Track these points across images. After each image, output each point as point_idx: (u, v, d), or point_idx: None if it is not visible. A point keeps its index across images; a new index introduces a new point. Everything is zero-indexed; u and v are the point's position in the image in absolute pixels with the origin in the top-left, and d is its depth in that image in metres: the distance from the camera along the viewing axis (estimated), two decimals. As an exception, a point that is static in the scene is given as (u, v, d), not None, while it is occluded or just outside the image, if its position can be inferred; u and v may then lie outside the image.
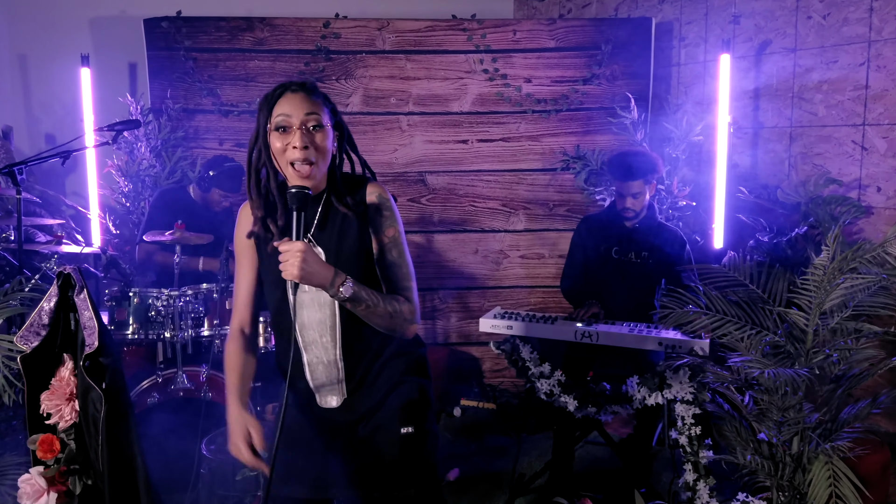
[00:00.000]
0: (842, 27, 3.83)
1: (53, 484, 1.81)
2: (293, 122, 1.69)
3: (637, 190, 3.19)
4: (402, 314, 1.75)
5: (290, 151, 1.68)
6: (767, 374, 2.19)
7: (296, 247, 1.58)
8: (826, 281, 2.44)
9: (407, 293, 1.79)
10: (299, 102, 1.70)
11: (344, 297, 1.64)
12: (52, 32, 4.45)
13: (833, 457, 2.45)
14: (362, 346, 1.80)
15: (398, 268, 1.80)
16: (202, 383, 2.92)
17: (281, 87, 1.74)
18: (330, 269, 1.63)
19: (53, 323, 1.85)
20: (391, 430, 1.81)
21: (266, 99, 1.73)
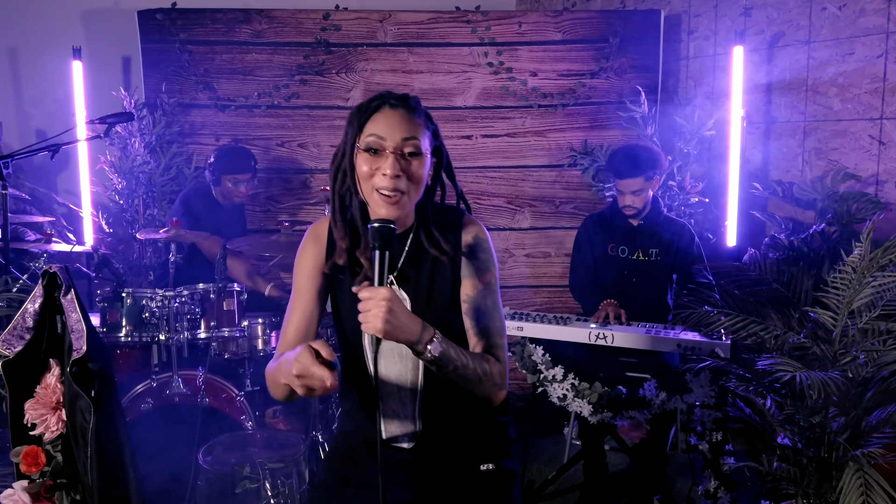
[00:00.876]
0: (858, 18, 3.71)
1: (39, 499, 1.67)
2: (387, 145, 1.46)
3: (637, 187, 3.06)
4: (493, 378, 1.52)
5: (379, 178, 1.46)
6: (799, 378, 2.07)
7: (380, 294, 1.33)
8: (857, 279, 2.33)
9: (498, 352, 1.56)
10: (397, 122, 1.47)
11: (431, 356, 1.40)
12: (43, 25, 4.32)
13: (864, 464, 2.33)
14: (446, 404, 1.59)
15: (492, 320, 1.56)
16: (199, 388, 2.78)
17: (378, 99, 1.51)
18: (418, 323, 1.39)
19: (38, 326, 1.71)
20: (467, 466, 1.61)
21: (358, 111, 1.51)
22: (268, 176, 4.22)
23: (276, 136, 4.20)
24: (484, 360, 1.52)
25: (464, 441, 1.62)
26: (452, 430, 1.62)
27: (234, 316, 2.95)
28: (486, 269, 1.57)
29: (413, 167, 1.47)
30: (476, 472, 1.60)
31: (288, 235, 3.00)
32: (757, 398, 2.64)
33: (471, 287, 1.56)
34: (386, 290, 1.34)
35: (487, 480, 1.60)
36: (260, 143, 4.19)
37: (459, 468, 1.61)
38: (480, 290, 1.56)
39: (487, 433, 1.66)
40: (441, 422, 1.60)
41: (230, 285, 2.95)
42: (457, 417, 1.61)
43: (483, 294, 1.56)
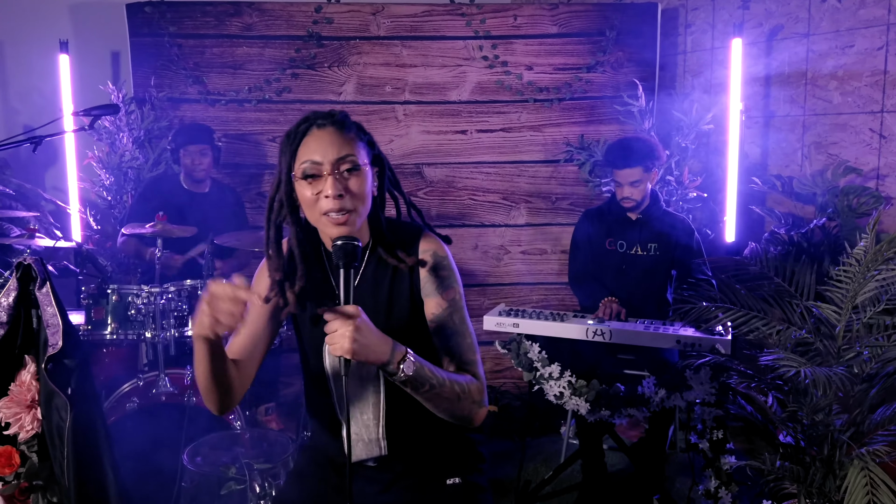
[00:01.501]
0: (858, 10, 3.66)
1: (12, 502, 1.60)
2: (323, 168, 1.41)
3: (635, 178, 2.99)
4: (471, 395, 1.46)
5: (323, 201, 1.41)
6: (804, 374, 2.01)
7: (346, 313, 1.28)
8: (862, 273, 2.27)
9: (472, 368, 1.51)
10: (329, 142, 1.42)
11: (405, 375, 1.35)
12: (29, 18, 4.24)
13: (869, 462, 2.27)
14: (411, 425, 1.54)
15: (461, 337, 1.52)
16: (186, 387, 2.71)
17: (305, 122, 1.46)
18: (388, 341, 1.34)
19: (13, 320, 1.64)
20: (434, 481, 1.58)
21: (288, 139, 1.46)
22: (258, 171, 4.15)
23: (268, 131, 4.13)
24: (460, 377, 1.46)
25: (430, 457, 1.59)
26: (418, 449, 1.58)
27: (223, 313, 2.87)
28: (448, 287, 1.52)
29: (354, 184, 1.43)
30: (442, 486, 1.56)
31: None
32: (758, 395, 2.58)
33: (435, 306, 1.52)
34: (353, 308, 1.29)
35: (454, 494, 1.56)
36: (251, 139, 4.12)
37: (425, 482, 1.57)
38: (445, 307, 1.52)
39: (455, 449, 1.62)
40: (406, 443, 1.56)
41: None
42: (422, 438, 1.57)
43: (449, 311, 1.52)
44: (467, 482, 1.58)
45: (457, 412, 1.46)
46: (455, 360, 1.50)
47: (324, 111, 1.49)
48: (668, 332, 2.62)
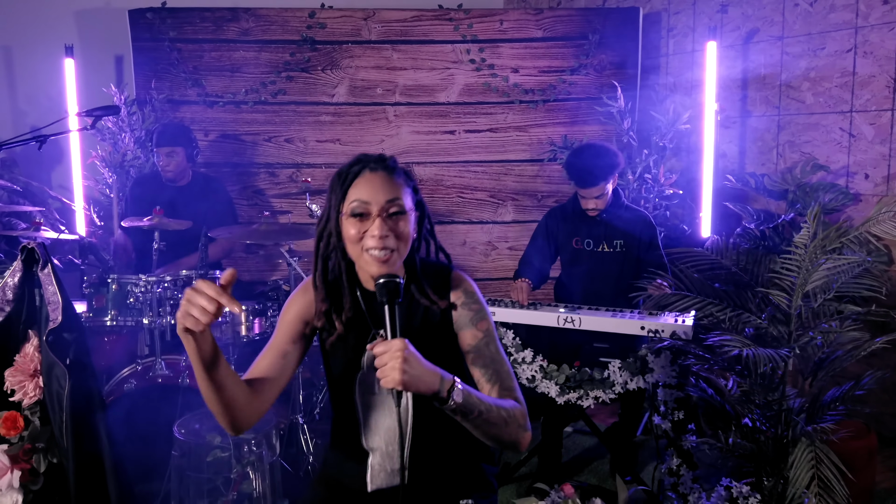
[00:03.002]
0: (829, 14, 3.81)
1: (17, 462, 1.78)
2: (372, 209, 1.48)
3: (598, 193, 3.10)
4: (517, 419, 1.48)
5: (368, 240, 1.48)
6: (745, 353, 2.17)
7: (394, 346, 1.32)
8: (808, 261, 2.42)
9: (514, 394, 1.54)
10: (380, 185, 1.49)
11: (455, 404, 1.37)
12: (37, 24, 4.43)
13: (815, 440, 2.42)
14: (434, 457, 1.62)
15: (500, 364, 1.56)
16: (181, 371, 2.89)
17: (358, 164, 1.53)
18: (436, 371, 1.37)
19: (18, 298, 1.82)
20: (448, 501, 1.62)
21: (339, 177, 1.53)
22: (255, 170, 4.33)
23: (264, 132, 4.31)
24: (504, 402, 1.50)
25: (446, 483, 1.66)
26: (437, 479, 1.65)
27: (217, 302, 3.05)
28: (481, 318, 1.60)
29: (399, 226, 1.50)
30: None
31: (268, 225, 3.10)
32: (719, 379, 2.73)
33: (471, 337, 1.58)
34: (399, 341, 1.33)
35: None
36: (247, 139, 4.30)
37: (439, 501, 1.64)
38: (481, 337, 1.58)
39: (470, 477, 1.70)
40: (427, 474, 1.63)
41: (212, 272, 3.05)
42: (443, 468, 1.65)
43: (485, 341, 1.58)
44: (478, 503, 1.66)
45: (504, 437, 1.48)
46: (496, 387, 1.54)
47: (375, 155, 1.56)
48: (633, 319, 2.78)
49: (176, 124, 3.74)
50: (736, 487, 2.57)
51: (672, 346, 2.59)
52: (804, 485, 2.35)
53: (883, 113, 3.63)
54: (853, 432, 2.99)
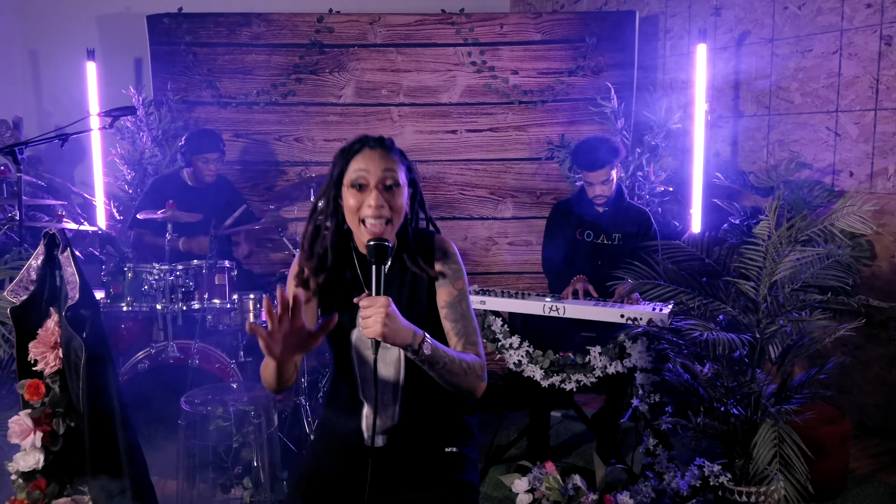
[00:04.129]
0: (816, 17, 3.94)
1: (39, 424, 1.99)
2: (370, 179, 1.65)
3: (604, 177, 3.30)
4: (475, 371, 1.69)
5: (365, 209, 1.64)
6: (706, 336, 2.33)
7: (379, 302, 1.51)
8: (773, 252, 2.57)
9: (475, 348, 1.74)
10: (378, 159, 1.66)
11: (425, 355, 1.58)
12: (60, 29, 4.68)
13: (779, 420, 2.57)
14: (423, 407, 1.78)
15: (467, 321, 1.76)
16: (191, 354, 3.10)
17: (359, 143, 1.70)
18: (411, 328, 1.56)
19: (40, 279, 2.03)
20: (435, 449, 1.81)
21: (343, 152, 1.70)
22: (266, 168, 4.55)
23: (274, 131, 4.52)
24: (466, 355, 1.69)
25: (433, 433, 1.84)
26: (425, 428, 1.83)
27: (225, 290, 3.26)
28: (458, 278, 1.77)
29: (394, 198, 1.66)
30: (441, 453, 1.82)
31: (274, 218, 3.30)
32: (695, 364, 2.89)
33: (447, 294, 1.76)
34: (384, 298, 1.52)
35: (450, 460, 1.82)
36: (259, 138, 4.51)
37: (427, 451, 1.82)
38: (455, 295, 1.75)
39: (454, 428, 1.88)
40: (417, 420, 1.81)
41: (221, 262, 3.26)
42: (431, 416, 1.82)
43: (458, 298, 1.76)
44: (462, 453, 1.84)
45: (462, 385, 1.67)
46: (462, 341, 1.73)
47: (375, 136, 1.73)
48: (614, 308, 2.94)
49: (212, 131, 3.95)
50: (708, 467, 2.74)
51: (646, 331, 2.75)
52: (766, 462, 2.51)
53: (866, 113, 3.76)
54: (827, 418, 3.13)
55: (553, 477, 2.78)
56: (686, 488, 2.76)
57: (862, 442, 3.70)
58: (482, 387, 1.72)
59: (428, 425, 1.82)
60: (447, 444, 1.83)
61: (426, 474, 1.78)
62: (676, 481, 2.79)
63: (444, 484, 1.76)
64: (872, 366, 3.77)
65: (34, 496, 1.99)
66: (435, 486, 1.76)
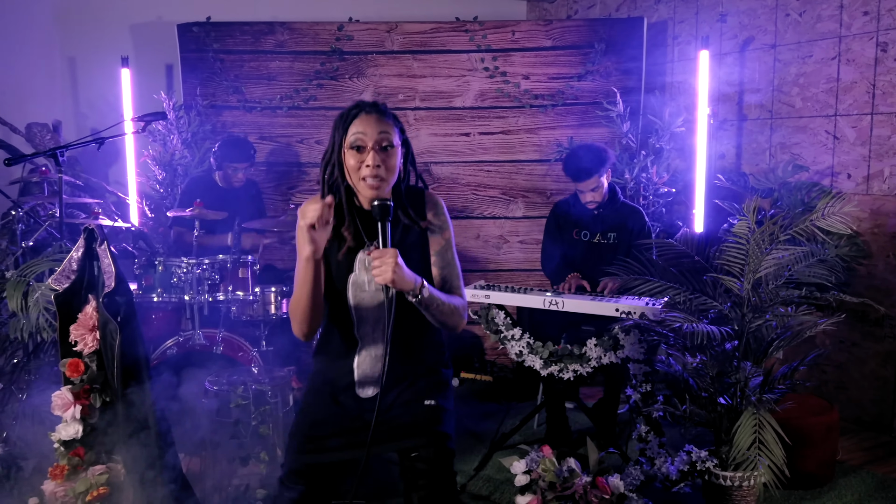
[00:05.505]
0: (816, 23, 4.07)
1: (79, 398, 2.23)
2: (367, 140, 1.83)
3: (594, 185, 3.49)
4: (459, 311, 1.95)
5: (364, 169, 1.83)
6: (685, 327, 2.50)
7: (389, 254, 1.74)
8: (756, 250, 2.73)
9: (460, 291, 1.99)
10: (374, 122, 1.84)
11: (424, 298, 1.82)
12: (97, 37, 4.96)
13: (760, 408, 2.73)
14: (407, 345, 1.96)
15: (453, 267, 1.99)
16: (217, 342, 3.35)
17: (356, 108, 1.88)
18: (414, 275, 1.80)
19: (80, 269, 2.28)
20: (416, 402, 1.98)
21: (342, 118, 1.88)
22: (288, 169, 4.79)
23: (296, 134, 4.76)
24: (453, 298, 1.95)
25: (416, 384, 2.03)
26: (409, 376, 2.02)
27: (248, 283, 3.50)
28: (445, 229, 2.00)
29: (389, 157, 1.86)
30: (421, 405, 2.02)
31: (293, 216, 3.54)
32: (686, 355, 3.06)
33: (436, 243, 1.99)
34: (393, 250, 1.76)
35: (429, 412, 2.03)
36: (282, 140, 4.76)
37: (409, 403, 2.02)
38: (443, 245, 1.99)
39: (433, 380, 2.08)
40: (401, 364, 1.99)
41: (244, 257, 3.50)
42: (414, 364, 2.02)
43: (445, 248, 1.99)
44: (439, 405, 2.04)
45: (448, 323, 1.94)
46: (448, 285, 1.98)
47: (370, 101, 1.92)
48: (610, 302, 3.12)
49: (244, 140, 4.19)
50: (696, 452, 2.91)
51: (637, 324, 2.93)
52: (746, 446, 2.67)
53: (863, 117, 3.89)
54: (814, 409, 3.28)
55: (549, 459, 2.97)
56: (675, 473, 2.93)
57: (857, 436, 3.82)
58: (463, 324, 1.99)
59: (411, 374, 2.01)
60: (428, 396, 2.03)
61: (410, 426, 1.98)
62: (667, 466, 2.96)
63: (425, 434, 1.97)
64: (868, 362, 3.89)
65: (74, 462, 2.23)
66: (417, 436, 1.97)
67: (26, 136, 4.35)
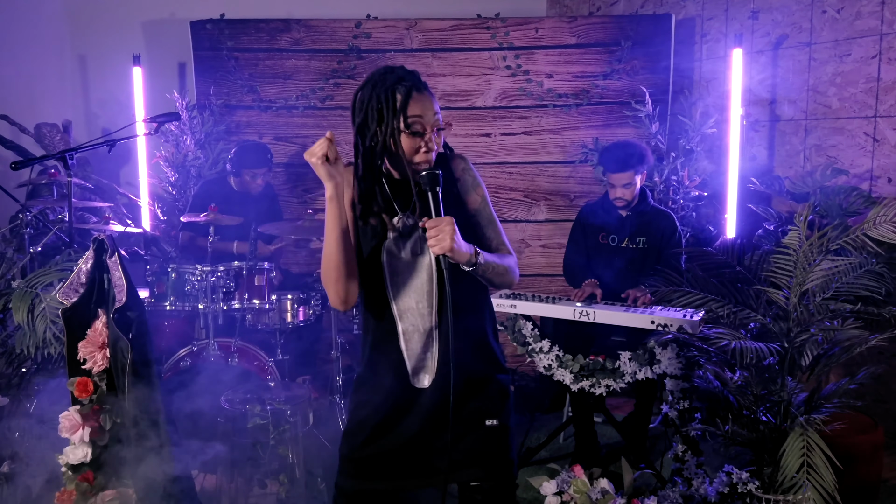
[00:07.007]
0: (855, 20, 3.89)
1: (87, 420, 2.10)
2: (426, 125, 1.77)
3: (627, 181, 3.34)
4: (512, 270, 1.88)
5: (422, 153, 1.76)
6: (734, 345, 2.34)
7: (445, 222, 1.68)
8: (804, 261, 2.57)
9: (506, 246, 1.92)
10: (429, 105, 1.79)
11: (479, 265, 1.75)
12: (108, 35, 4.84)
13: (808, 429, 2.57)
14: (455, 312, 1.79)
15: (494, 224, 1.93)
16: (231, 352, 3.21)
17: (400, 82, 1.77)
18: (469, 244, 1.74)
19: (90, 281, 2.14)
20: (476, 421, 1.85)
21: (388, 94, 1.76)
22: (304, 171, 4.64)
23: (313, 135, 4.62)
24: (505, 258, 1.86)
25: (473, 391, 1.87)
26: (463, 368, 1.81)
27: (265, 290, 3.37)
28: (478, 184, 1.93)
29: (440, 137, 1.83)
30: (482, 426, 1.87)
31: (311, 221, 3.39)
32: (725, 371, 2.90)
33: (473, 201, 1.91)
34: (449, 218, 1.69)
35: (491, 434, 1.88)
36: (297, 141, 4.62)
37: (468, 421, 1.86)
38: (479, 201, 1.92)
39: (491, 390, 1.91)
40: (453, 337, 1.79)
41: (260, 263, 3.37)
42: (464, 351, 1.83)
43: (482, 204, 1.92)
44: (503, 425, 1.90)
45: (504, 283, 1.87)
46: (494, 242, 1.91)
47: (407, 71, 1.81)
48: (644, 314, 2.97)
49: (262, 145, 4.07)
50: (736, 474, 2.75)
51: (676, 338, 2.77)
52: (794, 470, 2.51)
53: (906, 118, 3.71)
54: (859, 427, 3.11)
55: (581, 480, 2.82)
56: (714, 494, 2.77)
57: None
58: (516, 281, 1.91)
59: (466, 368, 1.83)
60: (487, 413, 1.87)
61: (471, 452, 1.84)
62: (705, 487, 2.81)
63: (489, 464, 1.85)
64: (909, 374, 3.72)
65: (82, 488, 2.10)
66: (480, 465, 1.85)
67: (36, 137, 4.23)
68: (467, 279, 1.81)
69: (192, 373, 3.06)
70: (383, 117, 1.77)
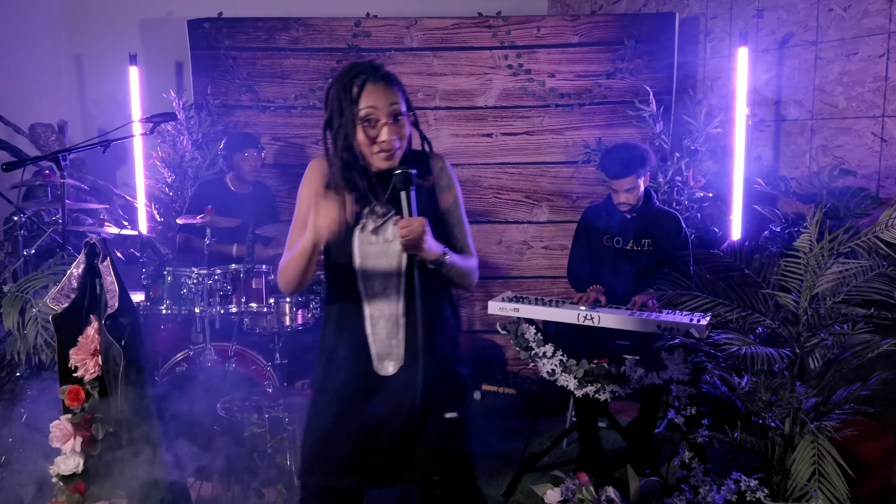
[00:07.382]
0: (862, 19, 3.83)
1: (79, 429, 2.04)
2: (380, 115, 1.76)
3: (629, 185, 3.27)
4: (473, 270, 1.96)
5: (377, 145, 1.77)
6: (744, 351, 2.28)
7: (416, 223, 1.72)
8: (814, 264, 2.51)
9: (469, 249, 1.99)
10: (383, 94, 1.77)
11: (446, 264, 1.81)
12: (104, 34, 4.78)
13: (819, 436, 2.51)
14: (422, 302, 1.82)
15: (462, 225, 1.98)
16: (228, 357, 3.14)
17: (357, 74, 1.77)
18: (439, 243, 1.80)
19: (81, 287, 2.08)
20: (436, 413, 1.87)
21: (346, 87, 1.78)
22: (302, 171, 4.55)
23: (311, 135, 4.56)
24: (468, 260, 1.95)
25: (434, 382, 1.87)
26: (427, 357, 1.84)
27: (262, 294, 3.30)
28: (452, 185, 1.96)
29: (400, 127, 1.80)
30: (441, 420, 1.90)
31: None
32: (733, 376, 2.84)
33: (445, 201, 1.95)
34: (422, 219, 1.73)
35: (450, 428, 1.90)
36: (297, 141, 4.55)
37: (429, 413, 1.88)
38: (451, 202, 1.96)
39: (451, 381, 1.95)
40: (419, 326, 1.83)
41: (258, 266, 3.30)
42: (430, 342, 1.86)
43: (455, 205, 1.97)
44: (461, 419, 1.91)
45: (463, 284, 1.94)
46: (459, 243, 1.97)
47: (368, 64, 1.81)
48: (650, 318, 2.90)
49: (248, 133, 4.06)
50: (745, 481, 2.69)
51: (683, 343, 2.71)
52: (805, 478, 2.45)
53: (915, 118, 3.65)
54: (869, 433, 3.05)
55: (586, 488, 2.76)
56: (722, 502, 2.71)
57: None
58: (474, 282, 1.99)
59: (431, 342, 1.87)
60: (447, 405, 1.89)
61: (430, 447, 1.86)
62: (712, 495, 2.75)
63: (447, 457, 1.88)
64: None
65: (74, 499, 2.04)
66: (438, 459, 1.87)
67: (30, 137, 4.17)
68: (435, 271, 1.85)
69: (188, 377, 2.99)
70: (343, 110, 1.79)
